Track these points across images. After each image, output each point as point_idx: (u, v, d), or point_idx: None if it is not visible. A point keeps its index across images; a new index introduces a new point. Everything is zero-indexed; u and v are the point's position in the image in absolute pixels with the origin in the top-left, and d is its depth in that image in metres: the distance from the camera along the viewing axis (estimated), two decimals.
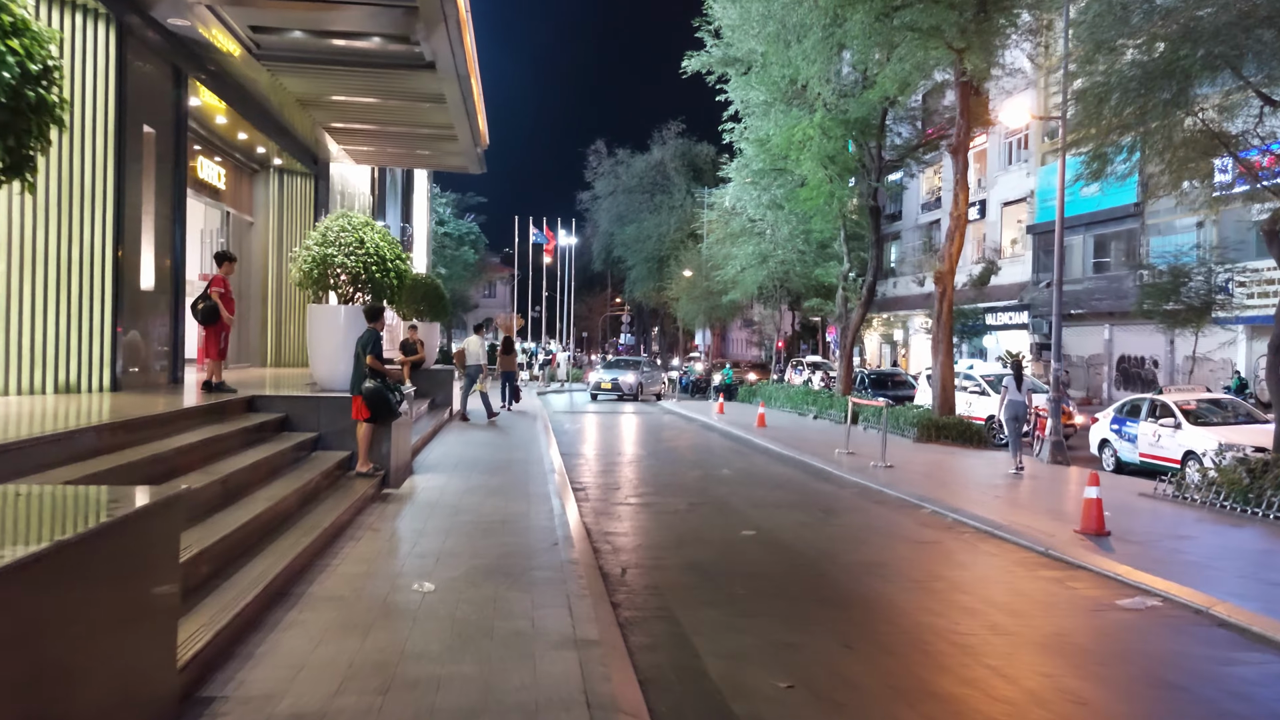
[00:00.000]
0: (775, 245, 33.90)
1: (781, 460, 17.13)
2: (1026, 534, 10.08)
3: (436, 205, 48.89)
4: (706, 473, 15.05)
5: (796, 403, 29.07)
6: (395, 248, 12.79)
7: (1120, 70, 12.80)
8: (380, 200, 28.76)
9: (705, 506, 11.83)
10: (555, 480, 12.56)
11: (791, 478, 14.84)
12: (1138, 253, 35.79)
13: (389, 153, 20.68)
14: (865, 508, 12.14)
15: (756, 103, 27.48)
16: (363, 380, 10.88)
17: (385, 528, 9.15)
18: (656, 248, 53.89)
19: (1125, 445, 18.53)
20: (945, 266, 22.22)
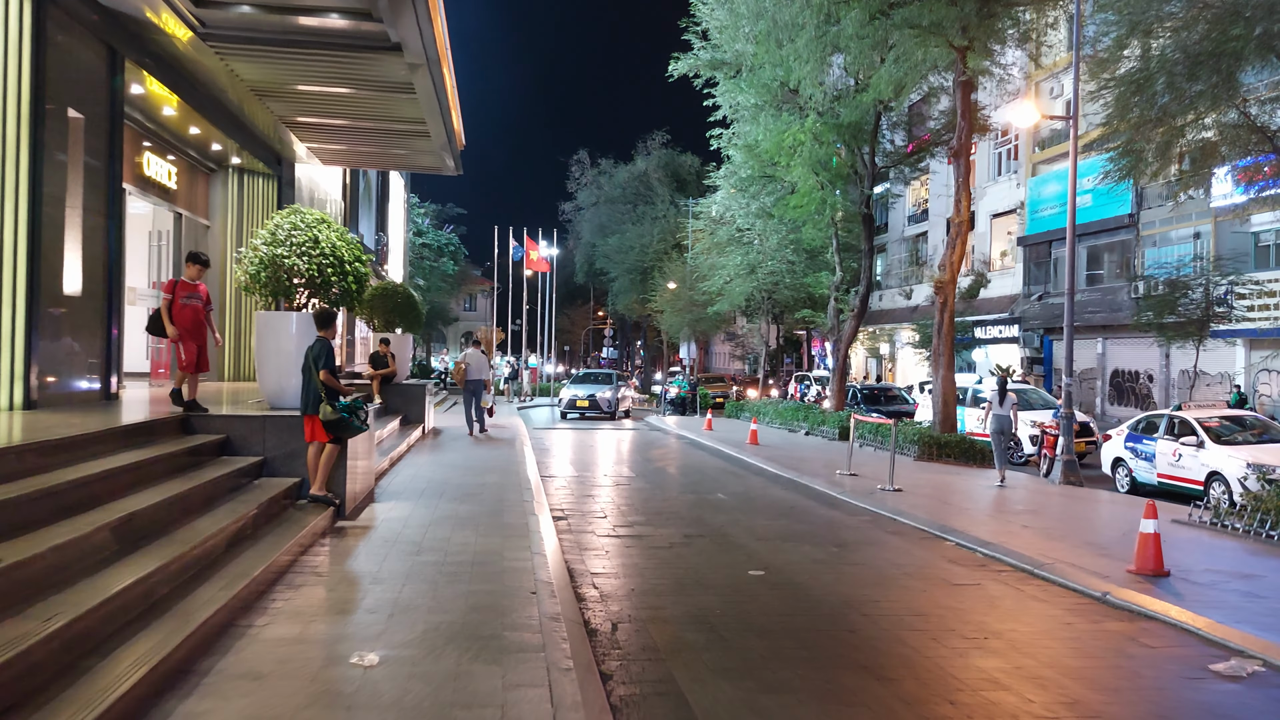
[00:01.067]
0: (764, 255, 32.59)
1: (780, 482, 15.73)
2: (1074, 575, 8.71)
3: (415, 215, 47.40)
4: (700, 497, 13.62)
5: (787, 418, 27.72)
6: (355, 249, 11.34)
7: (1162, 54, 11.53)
8: (353, 207, 27.29)
9: (703, 539, 10.40)
10: (533, 508, 11.11)
11: (793, 503, 13.43)
12: (1132, 264, 34.72)
13: (358, 152, 19.21)
14: (881, 540, 10.75)
15: (746, 106, 26.19)
16: (316, 399, 9.42)
17: (333, 572, 7.67)
18: (640, 259, 52.51)
19: (1142, 465, 17.26)
20: (946, 275, 20.95)
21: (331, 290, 10.93)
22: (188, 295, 10.08)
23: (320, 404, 9.41)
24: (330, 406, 9.37)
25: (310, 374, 9.49)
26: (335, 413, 9.38)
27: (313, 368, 9.47)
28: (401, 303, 20.42)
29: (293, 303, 10.90)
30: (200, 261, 10.37)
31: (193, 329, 10.08)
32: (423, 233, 47.84)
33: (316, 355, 9.49)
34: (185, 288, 10.09)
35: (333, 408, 9.38)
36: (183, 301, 10.02)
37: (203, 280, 10.45)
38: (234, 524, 7.77)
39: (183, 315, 10.00)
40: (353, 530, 9.45)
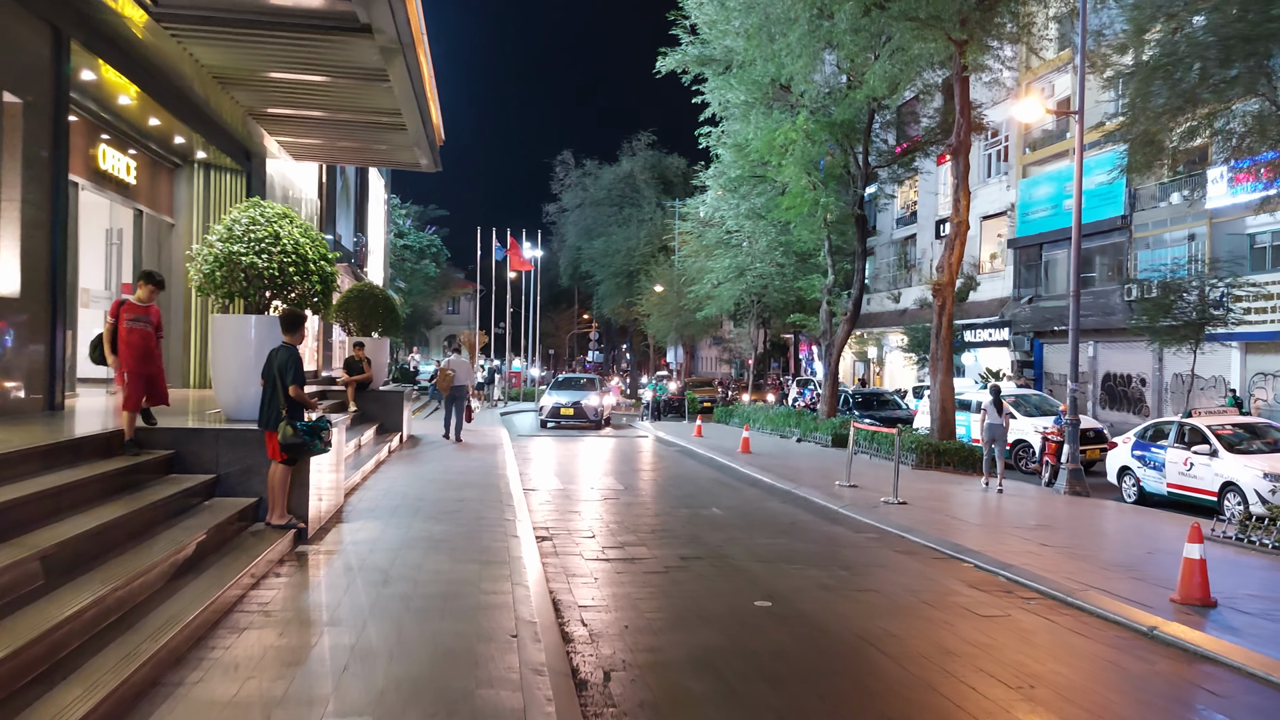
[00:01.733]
0: (753, 258, 31.71)
1: (777, 494, 14.84)
2: (1112, 605, 7.84)
3: (396, 217, 46.35)
4: (694, 512, 12.71)
5: (779, 424, 26.86)
6: (320, 245, 10.40)
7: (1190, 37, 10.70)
8: (330, 207, 26.27)
9: (700, 562, 9.49)
10: (515, 527, 10.18)
11: (793, 518, 12.54)
12: (1125, 267, 34.06)
13: (331, 147, 18.18)
14: (893, 561, 9.86)
15: (736, 103, 25.34)
16: (278, 414, 8.48)
17: (286, 609, 6.73)
18: (626, 262, 51.53)
19: (1150, 474, 16.46)
20: (945, 277, 20.13)
21: (293, 291, 9.99)
22: (134, 318, 8.72)
23: (281, 422, 8.49)
24: (291, 427, 8.42)
25: (273, 385, 8.54)
26: (296, 435, 8.42)
27: (277, 378, 8.51)
28: (379, 305, 19.46)
29: (252, 305, 9.95)
30: (154, 282, 9.00)
31: (141, 357, 8.69)
32: (404, 234, 46.78)
33: (282, 365, 8.52)
34: (132, 310, 8.74)
35: (294, 429, 8.42)
36: (128, 324, 8.66)
37: (155, 301, 9.08)
38: (173, 554, 6.82)
39: (129, 341, 8.65)
40: (315, 555, 8.49)
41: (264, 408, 8.61)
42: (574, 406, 27.86)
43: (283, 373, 8.48)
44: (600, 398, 29.28)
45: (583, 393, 29.08)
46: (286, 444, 8.43)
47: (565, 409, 27.80)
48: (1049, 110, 18.81)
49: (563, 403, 27.99)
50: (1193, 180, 31.86)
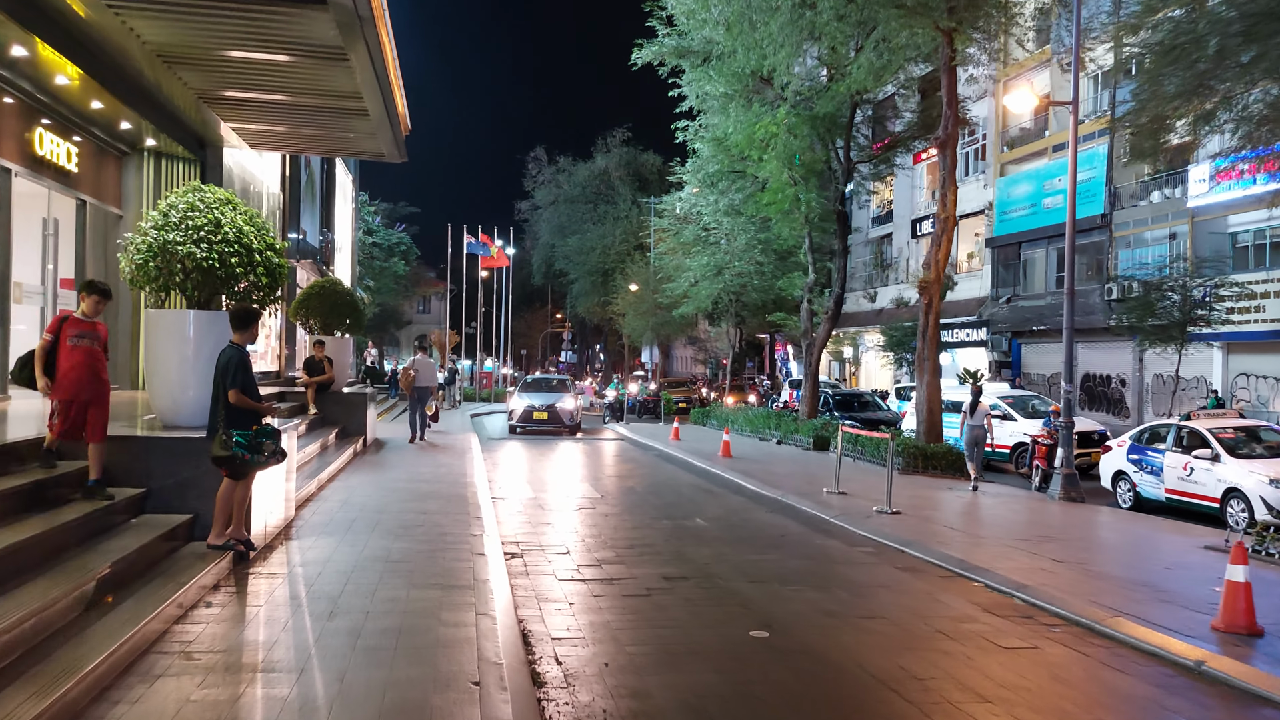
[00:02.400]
0: (731, 256, 30.86)
1: (763, 503, 13.97)
2: (1148, 634, 7.02)
3: (365, 213, 45.14)
4: (677, 524, 11.81)
5: (758, 426, 26.03)
6: (266, 235, 9.41)
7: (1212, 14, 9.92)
8: (294, 202, 25.16)
9: (686, 583, 8.59)
10: (481, 543, 9.25)
11: (783, 530, 11.67)
12: (1105, 266, 33.55)
13: (291, 135, 17.11)
14: (896, 580, 9.01)
15: (715, 96, 24.48)
16: (220, 421, 7.58)
17: (211, 649, 5.76)
18: (601, 260, 50.57)
19: (1147, 479, 15.76)
20: (931, 275, 19.37)
21: (237, 285, 9.00)
22: (79, 334, 7.40)
23: (217, 432, 7.56)
24: (225, 437, 7.47)
25: (220, 391, 7.62)
26: (227, 446, 7.45)
27: (221, 383, 7.60)
28: (342, 302, 18.42)
29: (191, 299, 8.95)
30: (98, 292, 7.67)
31: (82, 381, 7.34)
32: (373, 231, 45.54)
33: (224, 367, 7.61)
34: (77, 325, 7.43)
35: (226, 437, 7.47)
36: (71, 341, 7.33)
37: (101, 318, 7.72)
38: (81, 584, 5.85)
39: (71, 360, 7.31)
40: (256, 580, 7.52)
41: (211, 414, 7.73)
42: (548, 410, 25.48)
43: (224, 374, 7.58)
44: (575, 400, 27.07)
45: (556, 395, 26.68)
46: (217, 457, 7.52)
47: (538, 412, 25.45)
48: (1042, 100, 18.07)
49: (535, 406, 25.59)
50: (1174, 178, 31.42)
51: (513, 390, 30.17)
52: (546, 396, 26.29)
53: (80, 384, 7.33)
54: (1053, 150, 36.06)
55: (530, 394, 26.77)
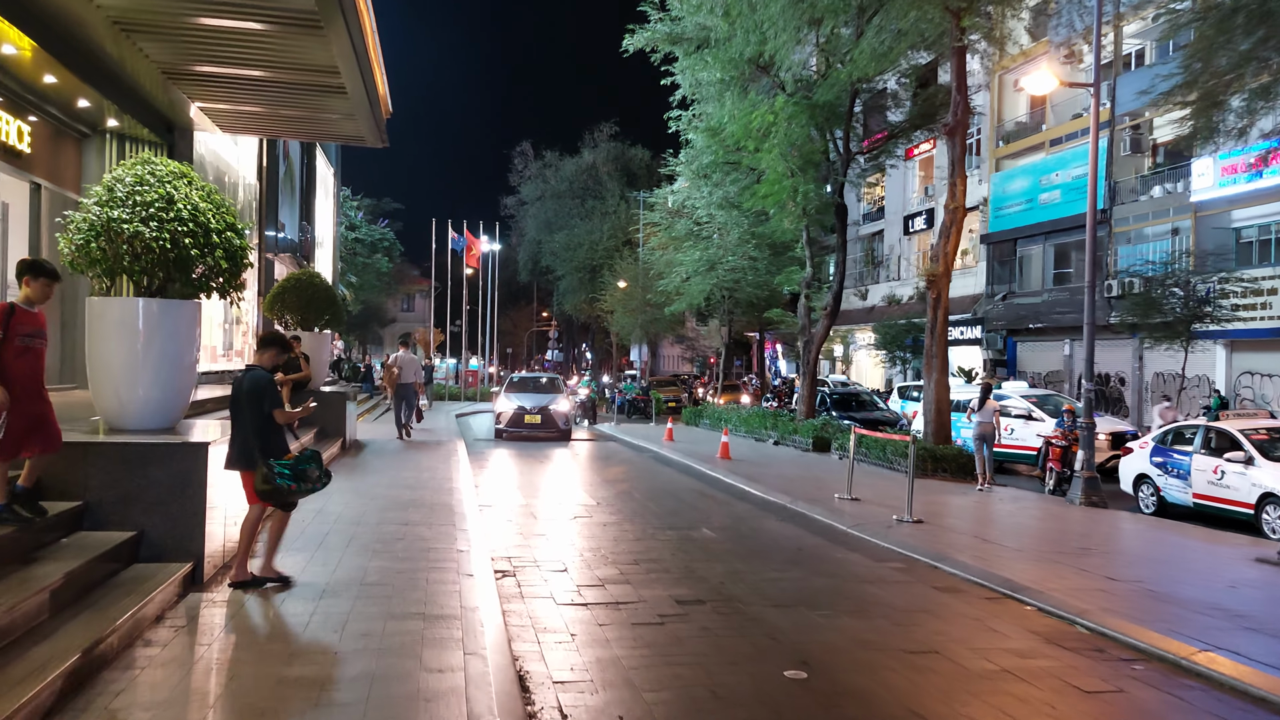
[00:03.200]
0: (724, 251, 29.80)
1: (772, 511, 12.92)
2: (1249, 676, 6.01)
3: (347, 208, 43.89)
4: (683, 534, 10.75)
5: (753, 426, 25.01)
6: (226, 213, 8.30)
7: None
8: (271, 193, 23.98)
9: (702, 607, 7.53)
10: (469, 561, 8.18)
11: (799, 542, 10.63)
12: (1105, 262, 32.69)
13: (265, 117, 15.92)
14: (937, 603, 7.98)
15: (711, 83, 23.43)
16: (250, 453, 7.03)
17: (138, 706, 4.67)
18: (589, 256, 49.41)
19: (1173, 483, 14.82)
20: (940, 267, 18.39)
21: (192, 269, 7.89)
22: (29, 333, 6.02)
23: (256, 462, 6.98)
24: (265, 469, 6.91)
25: (242, 415, 7.11)
26: (269, 480, 6.92)
27: (247, 407, 7.06)
28: (319, 296, 17.29)
29: (141, 286, 7.84)
30: (46, 274, 6.22)
31: (31, 390, 6.02)
32: (355, 227, 44.27)
33: (256, 391, 7.11)
34: (26, 321, 6.01)
35: (268, 470, 6.91)
36: (21, 342, 5.94)
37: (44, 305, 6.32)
38: None
39: (18, 366, 5.90)
40: (208, 611, 6.42)
41: (243, 447, 7.07)
42: (540, 413, 22.80)
43: (256, 401, 7.05)
44: (569, 402, 24.86)
45: (547, 395, 23.95)
46: (261, 491, 6.97)
47: (530, 415, 22.75)
48: (1064, 83, 17.06)
49: (526, 408, 22.89)
50: (1176, 173, 30.60)
51: (499, 390, 26.64)
52: (537, 398, 23.61)
53: (25, 394, 5.93)
54: (1050, 144, 35.24)
55: (519, 394, 23.90)
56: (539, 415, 22.79)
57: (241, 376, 7.27)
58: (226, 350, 21.85)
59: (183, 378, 8.12)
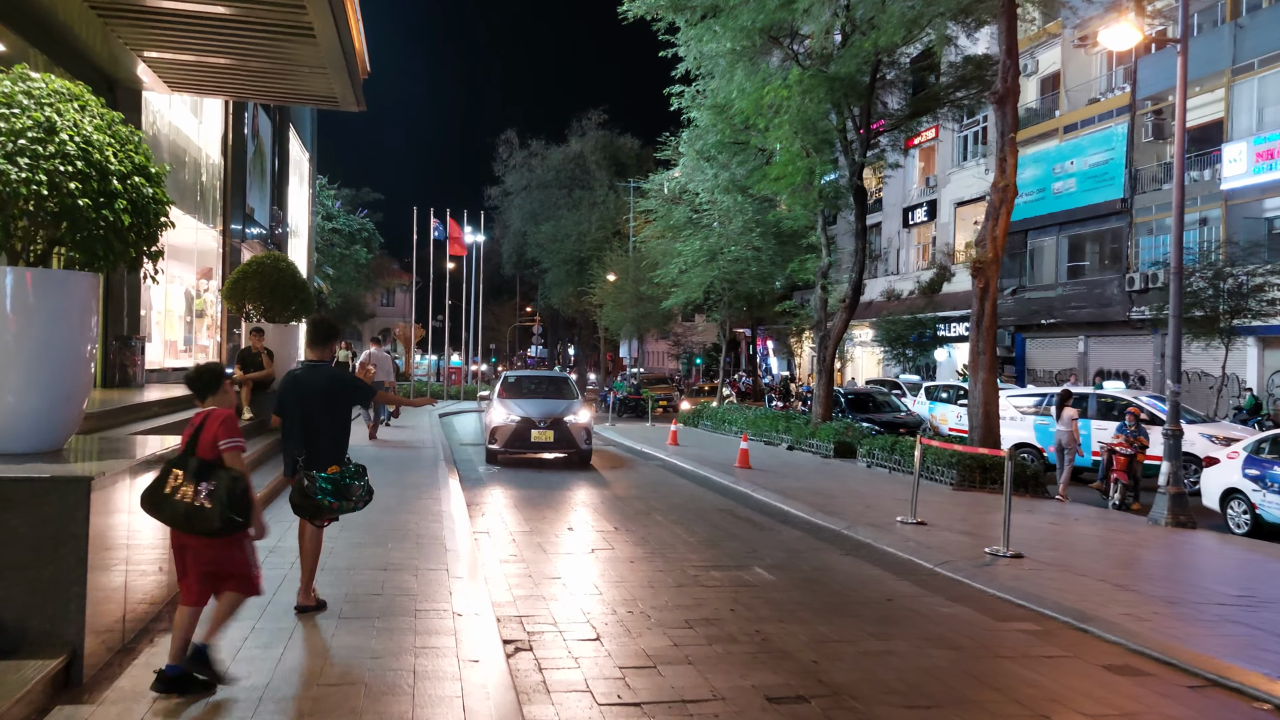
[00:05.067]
0: (726, 239, 27.49)
1: (825, 538, 10.63)
2: None
3: (324, 198, 41.26)
4: (733, 576, 8.45)
5: (762, 429, 22.73)
6: (134, 152, 5.93)
7: None
8: (238, 173, 21.51)
9: (807, 711, 5.25)
10: (468, 629, 5.87)
11: (882, 586, 8.35)
12: (1125, 254, 30.71)
13: (223, 70, 13.34)
14: (1131, 696, 5.70)
15: (720, 54, 21.10)
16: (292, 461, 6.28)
17: None
18: (576, 248, 46.93)
19: (1272, 499, 12.70)
20: (988, 254, 16.19)
21: (86, 230, 5.52)
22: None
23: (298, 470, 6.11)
24: (305, 480, 6.03)
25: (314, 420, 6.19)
26: (308, 493, 6.04)
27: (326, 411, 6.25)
28: (285, 282, 14.90)
29: (7, 249, 5.49)
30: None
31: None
32: (333, 217, 41.64)
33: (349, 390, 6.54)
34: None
35: (309, 482, 6.03)
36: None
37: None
38: None
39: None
40: None
41: (287, 450, 6.41)
42: (553, 427, 16.14)
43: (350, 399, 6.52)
44: (587, 410, 17.62)
45: (559, 402, 16.96)
46: (297, 505, 6.12)
47: (540, 430, 16.06)
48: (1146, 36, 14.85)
49: (534, 419, 16.15)
50: (1204, 159, 28.64)
51: (488, 394, 19.18)
52: (545, 405, 16.67)
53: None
54: (1064, 131, 33.20)
55: (520, 400, 16.88)
56: (550, 430, 16.08)
57: (304, 375, 6.31)
58: (188, 345, 19.44)
59: (72, 379, 5.77)
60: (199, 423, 4.85)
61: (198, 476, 4.63)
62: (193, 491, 4.59)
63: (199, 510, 4.56)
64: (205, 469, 4.66)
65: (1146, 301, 28.62)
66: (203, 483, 4.61)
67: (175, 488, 4.64)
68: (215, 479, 4.64)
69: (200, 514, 4.56)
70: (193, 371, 5.19)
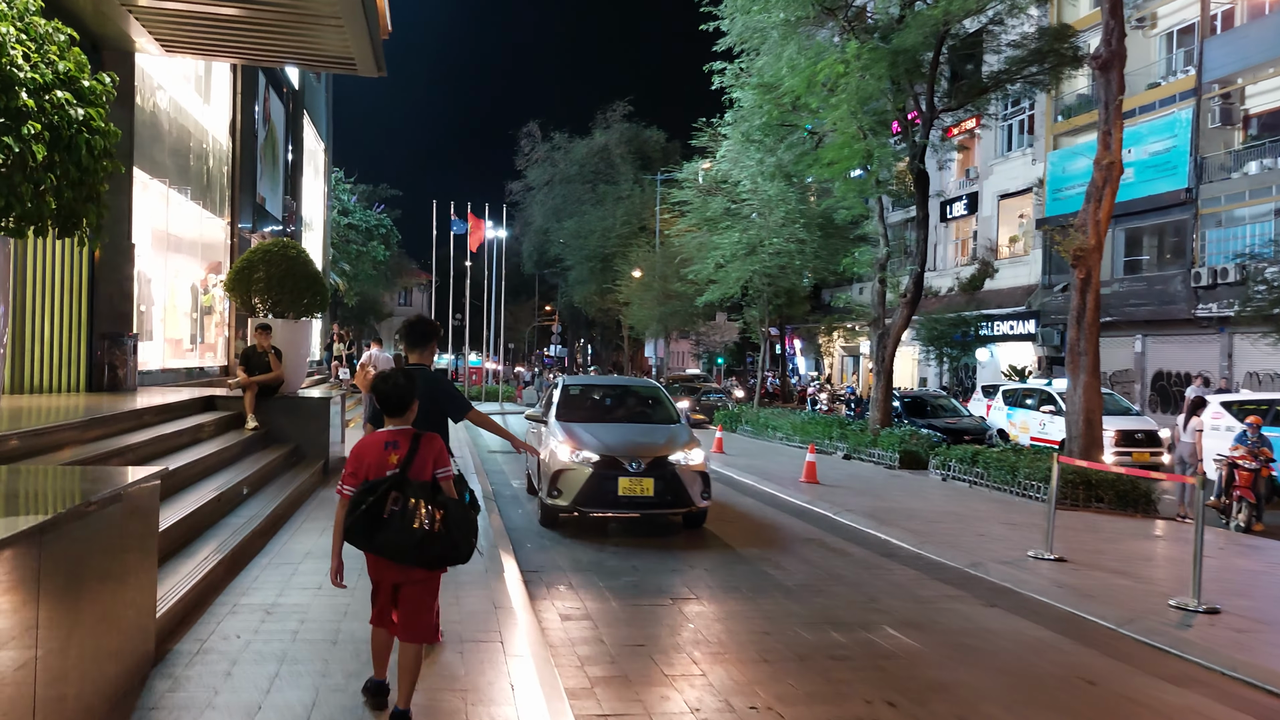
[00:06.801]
0: (768, 231, 25.45)
1: (947, 578, 8.60)
2: None
3: (340, 192, 39.45)
4: (862, 641, 6.44)
5: (810, 435, 20.75)
6: (61, 56, 4.00)
7: None
8: (248, 159, 19.66)
9: None
10: None
11: (1071, 662, 6.28)
12: (1188, 249, 28.55)
13: (224, 25, 11.40)
14: None
15: (771, 25, 19.14)
16: None
17: None
18: (601, 244, 44.87)
19: None
20: (1090, 240, 14.16)
21: None
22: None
23: None
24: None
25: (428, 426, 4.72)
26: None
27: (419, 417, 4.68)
28: (298, 272, 12.97)
29: None
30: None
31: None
32: (349, 212, 39.83)
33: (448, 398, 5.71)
34: None
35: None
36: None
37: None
38: None
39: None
40: None
41: None
42: (654, 473, 9.80)
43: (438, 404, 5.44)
44: (700, 449, 10.51)
45: (654, 429, 10.96)
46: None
47: (633, 480, 9.73)
48: None
49: (621, 459, 9.82)
50: (1276, 146, 26.49)
51: (538, 411, 12.12)
52: (633, 434, 10.63)
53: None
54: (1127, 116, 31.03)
55: (592, 427, 10.65)
56: (649, 478, 9.74)
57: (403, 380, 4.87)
58: (194, 344, 17.63)
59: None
60: (408, 445, 4.26)
61: (431, 500, 4.11)
62: (426, 515, 4.06)
63: (434, 536, 4.07)
64: (434, 493, 4.16)
65: (1214, 298, 26.53)
66: (435, 507, 4.11)
67: (402, 513, 4.05)
68: (444, 506, 4.15)
69: (440, 541, 4.09)
70: (387, 387, 4.40)
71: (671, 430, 10.85)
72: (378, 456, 4.21)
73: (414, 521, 4.04)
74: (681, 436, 10.60)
